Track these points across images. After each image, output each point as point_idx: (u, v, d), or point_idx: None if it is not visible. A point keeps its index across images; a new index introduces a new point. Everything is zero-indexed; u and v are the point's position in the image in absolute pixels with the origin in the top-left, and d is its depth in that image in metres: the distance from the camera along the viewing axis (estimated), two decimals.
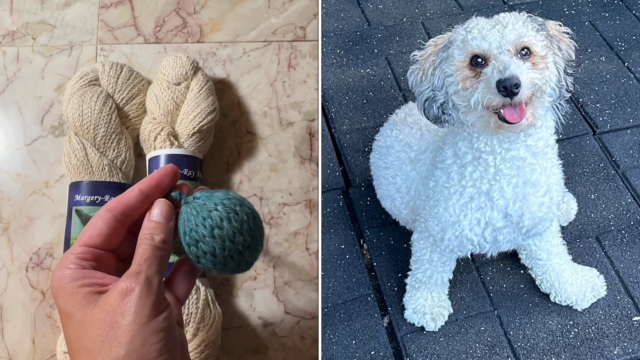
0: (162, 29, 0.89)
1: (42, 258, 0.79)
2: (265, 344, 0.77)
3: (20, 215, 0.81)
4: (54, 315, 0.78)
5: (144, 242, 0.48)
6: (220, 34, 0.89)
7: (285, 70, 0.87)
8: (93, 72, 0.81)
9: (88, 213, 0.74)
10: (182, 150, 0.76)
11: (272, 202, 0.82)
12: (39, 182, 0.82)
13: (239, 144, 0.84)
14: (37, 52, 0.88)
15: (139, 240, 0.48)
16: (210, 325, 0.72)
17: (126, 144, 0.79)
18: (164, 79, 0.80)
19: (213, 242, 0.48)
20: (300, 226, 0.81)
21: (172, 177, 0.51)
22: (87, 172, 0.76)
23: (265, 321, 0.78)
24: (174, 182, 0.52)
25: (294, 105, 0.86)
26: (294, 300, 0.79)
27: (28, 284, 0.79)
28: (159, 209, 0.49)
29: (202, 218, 0.48)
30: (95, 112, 0.77)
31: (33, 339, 0.77)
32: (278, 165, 0.84)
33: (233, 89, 0.87)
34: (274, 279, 0.80)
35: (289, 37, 0.89)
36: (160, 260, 0.47)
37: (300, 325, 0.78)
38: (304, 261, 0.80)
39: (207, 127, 0.79)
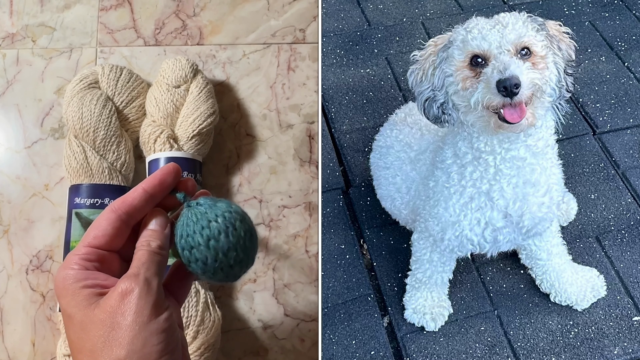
0: (161, 32, 0.89)
1: (42, 261, 0.79)
2: (264, 346, 0.77)
3: (20, 218, 0.81)
4: (54, 317, 0.77)
5: (141, 248, 0.48)
6: (219, 36, 0.89)
7: (284, 73, 0.87)
8: (93, 75, 0.81)
9: (88, 216, 0.74)
10: (181, 153, 0.76)
11: (272, 204, 0.82)
12: (39, 184, 0.82)
13: (238, 146, 0.84)
14: (37, 54, 0.88)
15: (137, 247, 0.48)
16: (210, 328, 0.72)
17: (126, 146, 0.79)
18: (163, 81, 0.80)
19: (207, 252, 0.48)
20: (299, 229, 0.81)
21: (175, 176, 0.52)
22: (87, 175, 0.76)
23: (265, 324, 0.78)
24: (176, 180, 0.52)
25: (293, 108, 0.86)
26: (294, 302, 0.79)
27: (28, 286, 0.79)
28: (154, 219, 0.50)
29: (201, 227, 0.49)
30: (95, 114, 0.77)
31: (33, 342, 0.77)
32: (278, 167, 0.83)
33: (232, 91, 0.87)
34: (273, 282, 0.79)
35: (288, 39, 0.88)
36: (157, 264, 0.48)
37: (300, 327, 0.78)
38: (303, 263, 0.80)
39: (207, 129, 0.79)
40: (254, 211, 0.81)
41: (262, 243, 0.81)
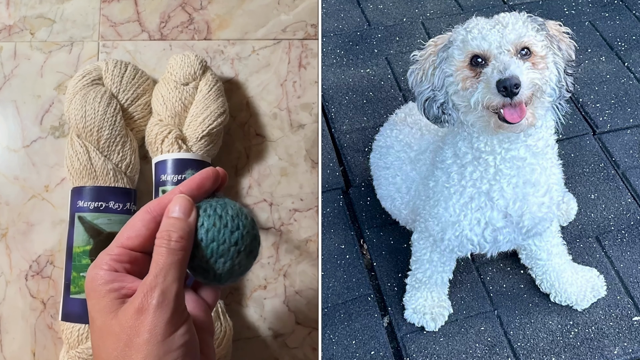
0: (167, 25, 0.85)
1: (43, 266, 0.76)
2: (275, 355, 0.75)
3: (19, 221, 0.78)
4: (55, 326, 0.75)
5: (161, 245, 0.46)
6: (228, 31, 0.85)
7: (295, 70, 0.84)
8: (96, 71, 0.77)
9: (92, 220, 0.71)
10: (190, 155, 0.73)
11: (283, 207, 0.79)
12: (38, 186, 0.79)
13: (247, 147, 0.81)
14: (35, 48, 0.84)
15: (156, 242, 0.47)
16: (222, 339, 0.69)
17: (131, 147, 0.75)
18: (171, 78, 0.76)
19: (215, 261, 0.48)
20: (311, 233, 0.78)
21: (214, 181, 0.50)
22: (91, 177, 0.72)
23: (276, 332, 0.75)
24: (215, 185, 0.51)
25: (304, 107, 0.83)
26: (305, 310, 0.76)
27: (28, 293, 0.75)
28: (178, 204, 0.48)
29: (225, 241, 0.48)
30: (99, 113, 0.73)
31: (33, 351, 0.74)
32: (289, 169, 0.80)
33: (241, 89, 0.83)
34: (284, 288, 0.77)
35: (299, 35, 0.85)
36: (178, 266, 0.46)
37: (312, 336, 0.75)
38: (315, 270, 0.77)
39: (217, 130, 0.75)
40: (264, 215, 0.79)
41: (273, 247, 0.78)
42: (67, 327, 0.70)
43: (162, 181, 0.73)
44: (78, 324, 0.69)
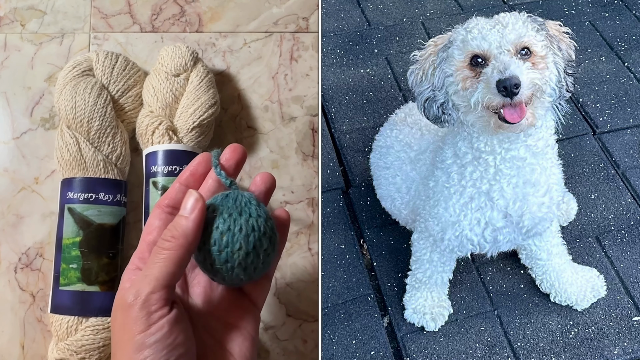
0: (158, 17, 0.85)
1: (32, 258, 0.76)
2: (266, 347, 0.76)
3: (9, 213, 0.77)
4: (44, 319, 0.74)
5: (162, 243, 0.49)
6: (219, 23, 0.86)
7: (287, 63, 0.84)
8: (87, 62, 0.77)
9: (82, 211, 0.71)
10: (181, 146, 0.73)
11: (274, 200, 0.79)
12: (28, 178, 0.78)
13: (239, 139, 0.81)
14: (26, 39, 0.83)
15: (164, 233, 0.49)
16: None
17: (122, 138, 0.75)
18: (162, 69, 0.76)
19: (227, 262, 0.49)
20: (302, 225, 0.79)
21: (206, 164, 0.55)
22: (81, 168, 0.72)
23: (267, 324, 0.76)
24: (208, 167, 0.55)
25: (296, 100, 0.83)
26: (296, 302, 0.77)
27: (17, 285, 0.75)
28: (189, 202, 0.50)
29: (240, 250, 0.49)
30: (90, 104, 0.73)
31: (22, 344, 0.74)
32: (280, 161, 0.81)
33: (233, 81, 0.84)
34: (275, 280, 0.77)
35: (291, 28, 0.85)
36: (165, 263, 0.48)
37: (302, 328, 0.76)
38: (306, 262, 0.78)
39: (208, 121, 0.76)
40: None
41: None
42: (56, 320, 0.70)
43: (152, 172, 0.73)
44: (67, 316, 0.69)
